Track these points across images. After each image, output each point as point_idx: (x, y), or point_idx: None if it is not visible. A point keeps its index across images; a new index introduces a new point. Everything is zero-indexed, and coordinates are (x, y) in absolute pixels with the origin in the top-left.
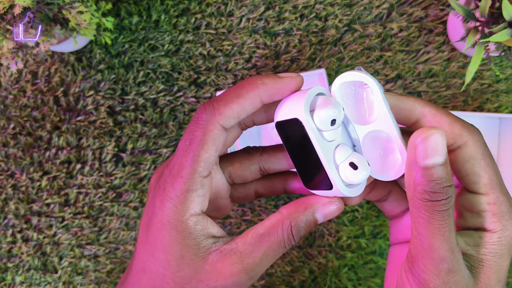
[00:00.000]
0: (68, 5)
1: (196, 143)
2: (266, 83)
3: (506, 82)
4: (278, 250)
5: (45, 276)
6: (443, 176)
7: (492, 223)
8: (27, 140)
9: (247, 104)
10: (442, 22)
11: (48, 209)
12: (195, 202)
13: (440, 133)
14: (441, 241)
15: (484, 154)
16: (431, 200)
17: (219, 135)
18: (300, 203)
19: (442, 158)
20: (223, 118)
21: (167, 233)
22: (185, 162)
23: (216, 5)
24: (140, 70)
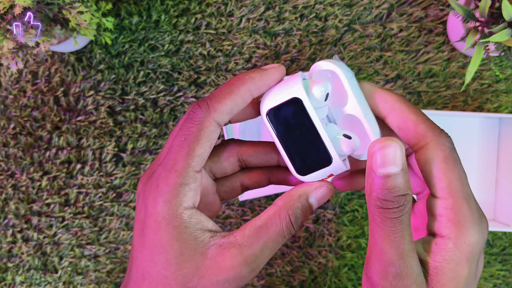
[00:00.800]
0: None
1: (191, 139)
2: (253, 77)
3: (506, 82)
4: (278, 240)
5: (45, 276)
6: (396, 185)
7: (447, 229)
8: (27, 140)
9: (239, 99)
10: (442, 22)
11: (48, 209)
12: (188, 196)
13: (397, 144)
14: (390, 246)
15: (447, 158)
16: (383, 208)
17: (214, 132)
18: (293, 192)
19: (397, 168)
20: (218, 115)
21: (163, 231)
22: (180, 156)
23: (216, 5)
24: (140, 70)
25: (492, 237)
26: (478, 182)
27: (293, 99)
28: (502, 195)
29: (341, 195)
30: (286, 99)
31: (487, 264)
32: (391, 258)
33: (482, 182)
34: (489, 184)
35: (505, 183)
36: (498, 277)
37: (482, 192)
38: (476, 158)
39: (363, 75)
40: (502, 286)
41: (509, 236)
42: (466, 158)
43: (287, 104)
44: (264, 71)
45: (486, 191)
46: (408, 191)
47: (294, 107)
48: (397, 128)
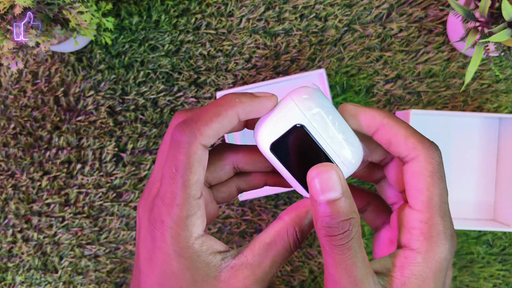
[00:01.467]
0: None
1: (182, 168)
2: (243, 102)
3: (505, 82)
4: (286, 256)
5: (46, 276)
6: (339, 210)
7: (417, 242)
8: (27, 140)
9: (226, 122)
10: (442, 22)
11: (49, 209)
12: (196, 225)
13: (332, 169)
14: (342, 274)
15: (433, 172)
16: (329, 236)
17: (203, 155)
18: (301, 208)
19: (337, 193)
20: (204, 138)
21: (175, 262)
22: (176, 189)
23: (216, 5)
24: (140, 70)
25: (492, 237)
26: (478, 182)
27: (295, 126)
28: (502, 195)
29: None
30: (288, 128)
31: (486, 264)
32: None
33: (482, 182)
34: (489, 184)
35: (505, 183)
36: (498, 277)
37: (482, 192)
38: (476, 158)
39: (363, 75)
40: (502, 286)
41: (509, 236)
42: (466, 158)
43: (290, 132)
44: (255, 98)
45: (486, 191)
46: (352, 215)
47: (297, 133)
48: (387, 143)
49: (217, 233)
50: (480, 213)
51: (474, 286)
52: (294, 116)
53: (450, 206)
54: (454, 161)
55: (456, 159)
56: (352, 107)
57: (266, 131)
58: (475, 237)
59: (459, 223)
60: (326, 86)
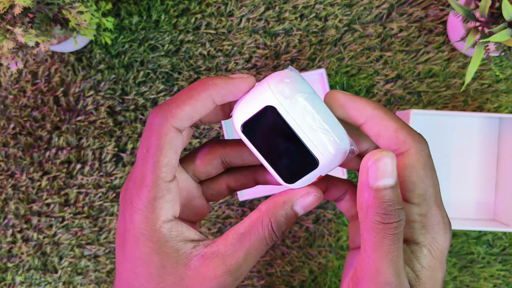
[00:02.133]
0: (68, 5)
1: (153, 149)
2: (217, 84)
3: (506, 82)
4: (261, 248)
5: (45, 276)
6: (394, 198)
7: (421, 235)
8: (27, 140)
9: (199, 105)
10: (442, 22)
11: (48, 209)
12: (165, 208)
13: (391, 156)
14: (388, 266)
15: (426, 165)
16: (383, 223)
17: (175, 137)
18: (278, 198)
19: (393, 180)
20: (176, 121)
21: (143, 246)
22: (146, 170)
23: (216, 5)
24: (140, 70)
25: (492, 237)
26: (478, 182)
27: (266, 108)
28: (502, 195)
29: None
30: (259, 109)
31: (487, 264)
32: (389, 280)
33: (482, 182)
34: (489, 184)
35: (505, 183)
36: (498, 277)
37: (482, 192)
38: (476, 158)
39: (363, 75)
40: (502, 286)
41: (509, 236)
42: (466, 158)
43: (261, 114)
44: (229, 79)
45: (486, 191)
46: (402, 205)
47: (268, 115)
48: (376, 135)
49: (217, 233)
50: (480, 213)
51: (474, 286)
52: (267, 98)
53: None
54: (454, 161)
55: (456, 159)
56: (341, 95)
57: (238, 111)
58: (475, 237)
59: (459, 223)
60: (326, 86)
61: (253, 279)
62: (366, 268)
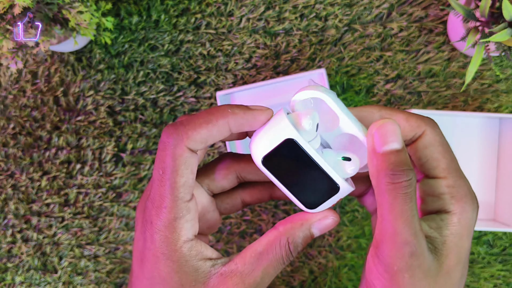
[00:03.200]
0: (68, 5)
1: (169, 171)
2: (236, 113)
3: (506, 82)
4: (278, 267)
5: (45, 276)
6: (401, 159)
7: (451, 205)
8: (27, 140)
9: (216, 131)
10: (442, 22)
11: (48, 209)
12: (185, 228)
13: (392, 121)
14: (404, 226)
15: (442, 142)
16: (393, 183)
17: (190, 158)
18: (296, 219)
19: (398, 144)
20: (191, 142)
21: (163, 265)
22: (164, 191)
23: (216, 5)
24: (140, 70)
25: (492, 237)
26: (478, 182)
27: (286, 141)
28: (502, 195)
29: None
30: (279, 142)
31: (487, 264)
32: (406, 238)
33: (482, 182)
34: (489, 184)
35: (505, 183)
36: (498, 277)
37: (482, 192)
38: (476, 158)
39: (363, 75)
40: (503, 286)
41: (509, 236)
42: (466, 158)
43: (281, 146)
44: (249, 111)
45: (486, 191)
46: (411, 167)
47: (289, 147)
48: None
49: (217, 233)
50: (480, 213)
51: (474, 286)
52: (286, 130)
53: None
54: None
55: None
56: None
57: (258, 144)
58: (476, 237)
59: None
60: (326, 86)
61: None
62: (384, 230)
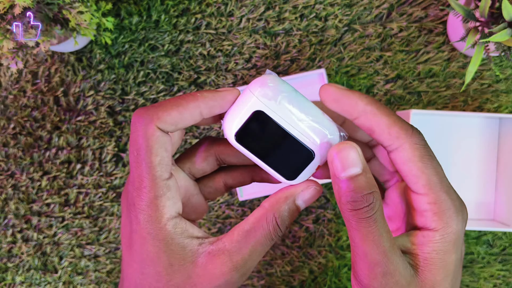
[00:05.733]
0: (68, 5)
1: (143, 151)
2: (205, 96)
3: (506, 82)
4: (266, 243)
5: (45, 276)
6: (361, 185)
7: (433, 222)
8: (27, 140)
9: (187, 114)
10: (442, 22)
11: (48, 209)
12: (167, 206)
13: (352, 146)
14: (371, 246)
15: (422, 156)
16: (355, 209)
17: (162, 136)
18: (280, 194)
19: (358, 168)
20: (161, 123)
21: (150, 245)
22: (141, 172)
23: (216, 5)
24: (140, 70)
25: (492, 237)
26: (478, 182)
27: (255, 113)
28: (502, 195)
29: None
30: (248, 116)
31: (487, 264)
32: (376, 259)
33: (482, 182)
34: (489, 184)
35: (505, 183)
36: (498, 277)
37: (482, 192)
38: (476, 158)
39: (363, 75)
40: (502, 286)
41: (509, 236)
42: (466, 158)
43: (251, 120)
44: (217, 92)
45: (486, 191)
46: (374, 189)
47: (258, 120)
48: (370, 131)
49: (217, 233)
50: (480, 213)
51: (474, 286)
52: (253, 103)
53: None
54: (454, 161)
55: (456, 159)
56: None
57: (228, 122)
58: (475, 237)
59: None
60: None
61: (253, 279)
62: (356, 252)
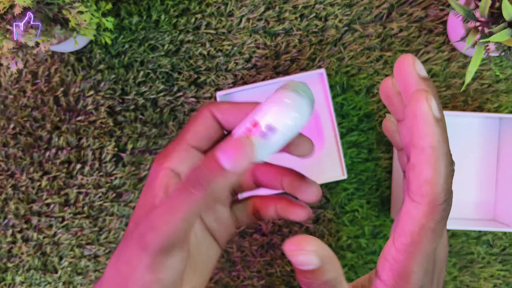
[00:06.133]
0: (68, 5)
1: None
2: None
3: (506, 82)
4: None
5: (45, 276)
6: (318, 277)
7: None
8: (27, 140)
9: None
10: (442, 22)
11: (48, 209)
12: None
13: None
14: None
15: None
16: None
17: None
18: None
19: (313, 265)
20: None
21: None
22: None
23: (216, 5)
24: (140, 70)
25: (492, 237)
26: (478, 182)
27: None
28: (502, 195)
29: (341, 195)
30: None
31: (487, 264)
32: None
33: (482, 182)
34: (489, 184)
35: (505, 183)
36: (498, 277)
37: (482, 192)
38: (476, 158)
39: (363, 75)
40: (502, 286)
41: (509, 236)
42: (466, 158)
43: None
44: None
45: (486, 191)
46: (331, 276)
47: None
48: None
49: None
50: (480, 213)
51: (474, 286)
52: None
53: None
54: (454, 161)
55: (456, 159)
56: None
57: None
58: (475, 237)
59: (459, 223)
60: (326, 86)
61: (253, 279)
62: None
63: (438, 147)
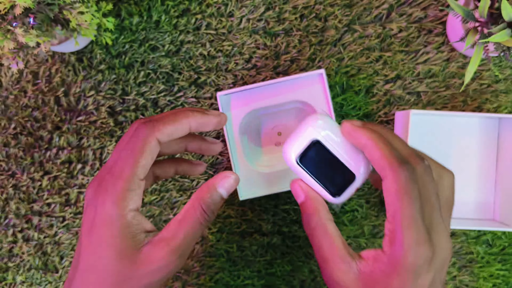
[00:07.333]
0: (69, 5)
1: (137, 151)
2: (195, 116)
3: (505, 82)
4: (196, 227)
5: (46, 276)
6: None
7: (385, 246)
8: (28, 140)
9: (180, 128)
10: (442, 23)
11: (49, 209)
12: (133, 200)
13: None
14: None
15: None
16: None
17: (155, 146)
18: (204, 186)
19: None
20: (160, 134)
21: (108, 228)
22: (126, 166)
23: (216, 6)
24: (140, 70)
25: (492, 237)
26: (477, 182)
27: (313, 142)
28: (502, 195)
29: None
30: (308, 143)
31: (486, 264)
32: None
33: (482, 182)
34: (489, 184)
35: (505, 183)
36: (497, 277)
37: (482, 192)
38: (475, 158)
39: (363, 75)
40: (502, 286)
41: (508, 236)
42: (465, 158)
43: (310, 147)
44: (205, 114)
45: (486, 191)
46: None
47: (315, 147)
48: (371, 161)
49: (218, 233)
50: (480, 213)
51: (473, 286)
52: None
53: None
54: (453, 161)
55: (456, 159)
56: (348, 125)
57: (291, 147)
58: (475, 237)
59: (459, 223)
60: (326, 86)
61: (253, 278)
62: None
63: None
